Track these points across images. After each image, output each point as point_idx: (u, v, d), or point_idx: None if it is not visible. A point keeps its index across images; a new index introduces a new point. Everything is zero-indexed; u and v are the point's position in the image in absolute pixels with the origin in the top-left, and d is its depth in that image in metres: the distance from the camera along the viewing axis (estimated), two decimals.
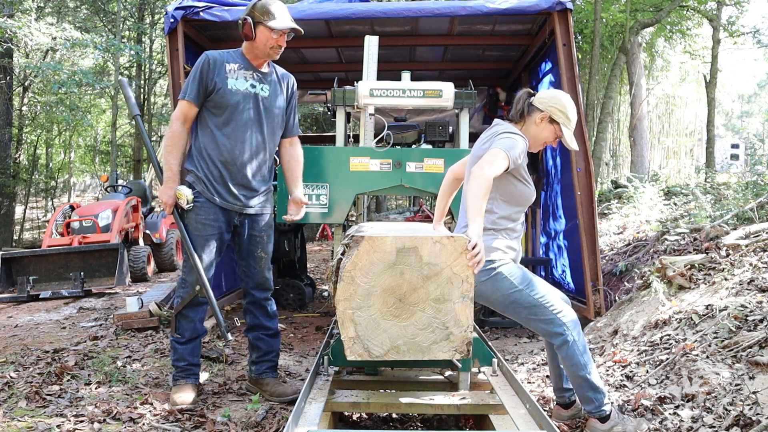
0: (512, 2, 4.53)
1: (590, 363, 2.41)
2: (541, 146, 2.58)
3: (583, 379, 2.40)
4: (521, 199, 2.50)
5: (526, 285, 2.40)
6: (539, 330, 2.45)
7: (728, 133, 27.61)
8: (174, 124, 2.90)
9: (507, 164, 2.32)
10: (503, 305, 2.44)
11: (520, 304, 2.39)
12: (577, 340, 2.38)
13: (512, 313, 2.46)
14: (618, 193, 9.17)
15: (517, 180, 2.47)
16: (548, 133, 2.52)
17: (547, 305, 2.39)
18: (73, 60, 17.52)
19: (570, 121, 2.50)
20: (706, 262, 4.06)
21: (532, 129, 2.52)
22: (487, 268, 2.38)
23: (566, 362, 2.41)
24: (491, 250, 2.40)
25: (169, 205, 2.87)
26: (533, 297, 2.38)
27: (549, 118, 2.49)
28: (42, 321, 4.98)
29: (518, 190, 2.48)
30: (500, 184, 2.43)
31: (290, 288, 5.61)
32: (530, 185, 2.53)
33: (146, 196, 8.89)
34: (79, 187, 26.49)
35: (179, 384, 2.96)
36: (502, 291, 2.39)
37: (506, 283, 2.39)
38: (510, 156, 2.31)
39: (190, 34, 4.91)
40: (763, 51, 18.39)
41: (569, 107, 2.50)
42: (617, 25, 11.46)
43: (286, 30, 2.89)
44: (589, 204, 4.49)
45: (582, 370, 2.39)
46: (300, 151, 3.21)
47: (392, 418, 3.14)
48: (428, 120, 4.73)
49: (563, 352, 2.40)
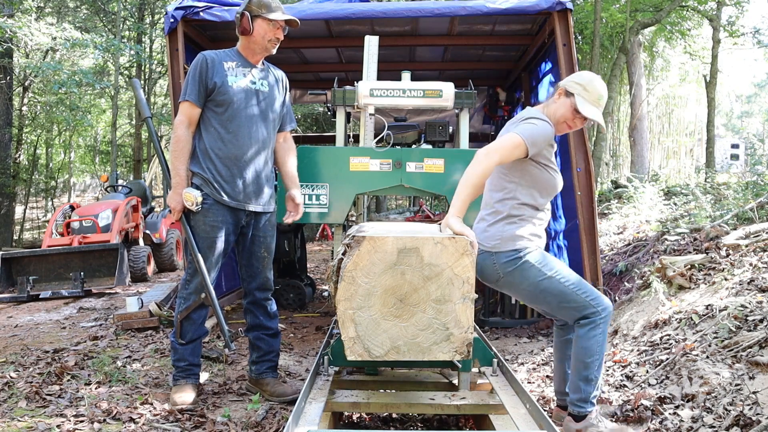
0: (512, 2, 4.53)
1: (601, 356, 2.35)
2: (563, 126, 2.44)
3: (585, 366, 2.34)
4: (547, 186, 2.41)
5: (555, 272, 2.33)
6: (570, 316, 2.39)
7: (728, 133, 27.60)
8: (179, 129, 2.89)
9: (523, 151, 2.26)
10: (532, 294, 2.38)
11: (549, 292, 2.33)
12: (602, 328, 2.33)
13: (541, 302, 2.41)
14: (618, 193, 9.17)
15: (541, 166, 2.37)
16: (565, 108, 2.39)
17: (579, 291, 2.32)
18: (73, 60, 17.51)
19: (588, 93, 2.36)
20: (706, 262, 4.06)
21: (551, 108, 2.43)
22: (513, 258, 2.33)
23: (580, 345, 2.35)
24: (516, 239, 2.34)
25: (178, 210, 2.87)
26: (563, 284, 2.32)
27: (565, 91, 2.40)
28: (42, 321, 4.98)
29: (543, 176, 2.38)
30: (522, 169, 2.36)
31: (290, 288, 5.60)
32: (556, 173, 2.43)
33: (146, 196, 8.89)
34: (79, 187, 26.48)
35: (179, 384, 2.96)
36: (530, 279, 2.33)
37: (534, 271, 2.32)
38: (527, 142, 2.24)
39: (190, 34, 4.91)
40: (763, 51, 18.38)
41: (589, 80, 2.38)
42: (617, 25, 11.46)
43: (283, 21, 2.90)
44: (589, 204, 4.49)
45: (590, 356, 2.33)
46: (293, 147, 3.21)
47: (392, 418, 3.14)
48: (428, 120, 4.73)
49: (584, 333, 2.33)
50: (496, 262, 2.36)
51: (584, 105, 2.35)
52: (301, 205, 3.15)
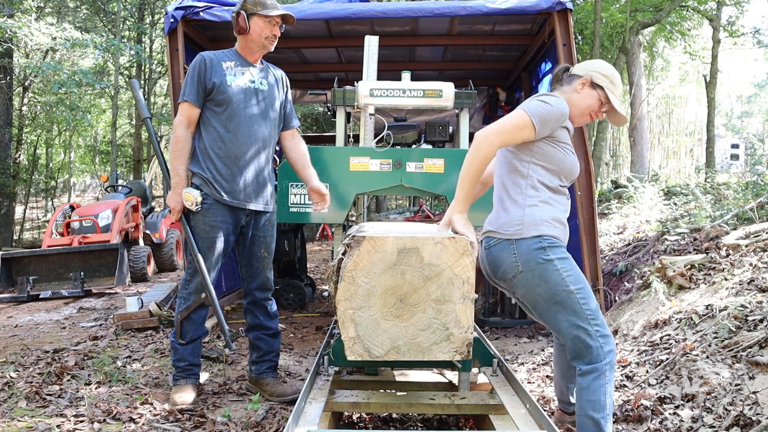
0: (512, 2, 4.53)
1: (611, 408, 2.06)
2: (586, 117, 2.23)
3: (595, 423, 2.03)
4: (563, 166, 2.14)
5: (578, 289, 2.04)
6: (571, 345, 2.08)
7: (728, 133, 27.61)
8: (178, 129, 2.89)
9: (531, 133, 2.03)
10: (544, 302, 2.08)
11: (564, 308, 2.04)
12: (608, 377, 2.03)
13: (549, 315, 2.10)
14: (618, 193, 9.18)
15: (555, 146, 2.11)
16: (592, 99, 2.19)
17: (593, 322, 2.03)
18: (73, 60, 17.51)
19: (615, 87, 2.20)
20: (706, 262, 4.06)
21: (574, 98, 2.19)
22: (537, 247, 2.04)
23: (584, 395, 2.05)
24: (539, 223, 2.06)
25: (177, 211, 2.87)
26: (582, 306, 2.03)
27: (591, 82, 2.19)
28: (42, 321, 4.98)
29: (558, 155, 2.12)
30: (533, 147, 2.11)
31: (290, 288, 5.60)
32: (571, 154, 2.16)
33: (146, 196, 8.89)
34: (79, 187, 26.48)
35: (179, 384, 2.96)
36: (549, 285, 2.04)
37: (556, 277, 2.04)
38: (534, 119, 2.01)
39: (190, 34, 4.91)
40: (763, 51, 18.39)
41: (612, 72, 2.21)
42: (617, 25, 11.47)
43: (279, 17, 2.90)
44: (589, 204, 4.49)
45: (599, 411, 2.02)
46: (303, 142, 3.21)
47: (392, 418, 3.14)
48: (428, 120, 4.73)
49: (587, 382, 2.05)
50: (516, 251, 2.07)
51: (615, 100, 2.20)
52: (327, 195, 3.12)
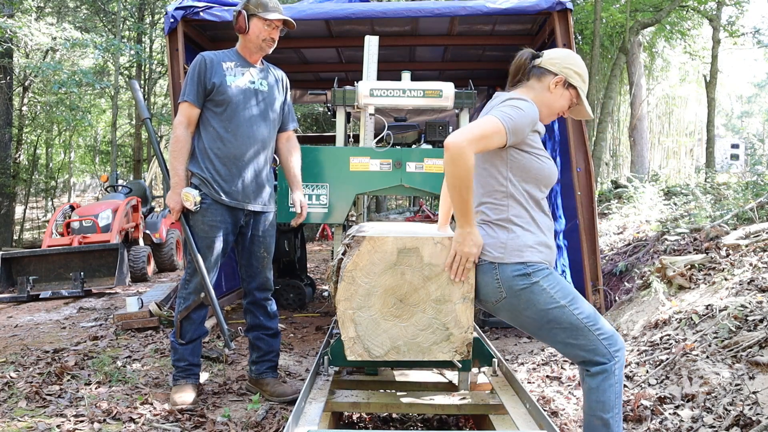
0: (512, 2, 4.53)
1: (620, 408, 2.00)
2: (554, 117, 2.12)
3: (604, 423, 1.97)
4: (541, 176, 2.01)
5: (569, 301, 1.95)
6: (575, 356, 2.00)
7: (728, 133, 27.60)
8: (178, 129, 2.90)
9: (502, 140, 1.88)
10: (536, 324, 1.99)
11: (558, 324, 1.94)
12: (618, 376, 1.97)
13: (545, 334, 2.01)
14: (618, 193, 9.18)
15: (527, 154, 1.98)
16: (565, 100, 2.06)
17: (593, 328, 1.95)
18: (73, 60, 17.51)
19: (585, 84, 2.07)
20: (706, 262, 4.06)
21: (545, 97, 2.05)
22: (520, 273, 1.94)
23: (593, 395, 1.99)
24: (522, 249, 1.95)
25: (176, 210, 2.87)
26: (576, 316, 1.94)
27: (564, 81, 2.04)
28: (42, 321, 4.98)
29: (531, 164, 1.99)
30: (510, 160, 1.98)
31: (290, 288, 5.60)
32: (548, 159, 2.04)
33: (146, 196, 8.89)
34: (79, 187, 26.48)
35: (179, 384, 2.96)
36: (538, 306, 1.94)
37: (544, 296, 1.94)
38: (507, 127, 1.86)
39: (190, 34, 4.91)
40: (763, 51, 18.38)
41: (584, 69, 2.08)
42: (617, 25, 11.47)
43: (279, 21, 2.90)
44: (589, 204, 4.49)
45: (608, 411, 1.96)
46: (297, 149, 3.20)
47: (392, 418, 3.14)
48: (428, 120, 4.73)
49: (596, 383, 1.97)
50: (499, 276, 1.97)
51: (584, 97, 2.10)
52: (304, 207, 3.15)
